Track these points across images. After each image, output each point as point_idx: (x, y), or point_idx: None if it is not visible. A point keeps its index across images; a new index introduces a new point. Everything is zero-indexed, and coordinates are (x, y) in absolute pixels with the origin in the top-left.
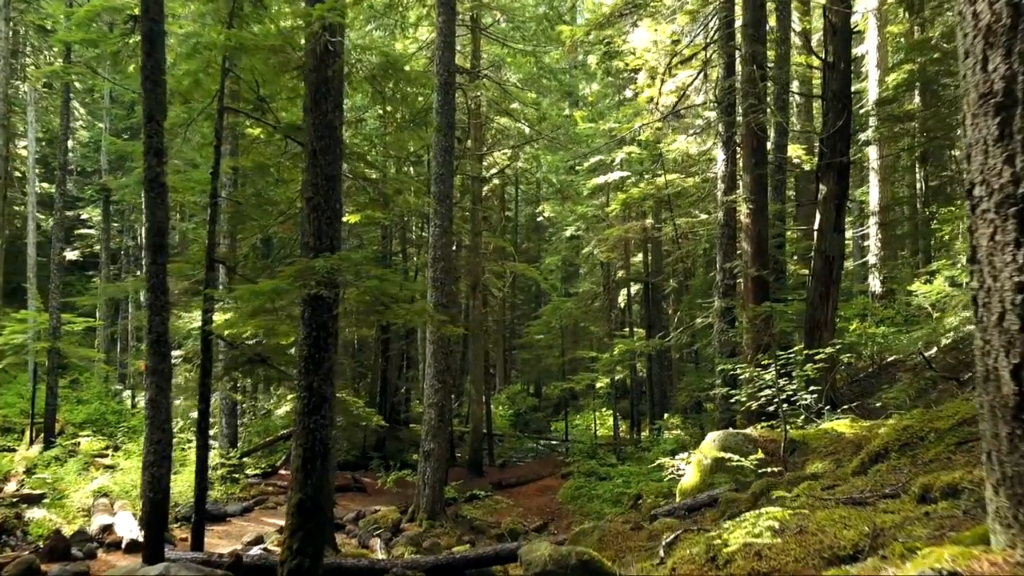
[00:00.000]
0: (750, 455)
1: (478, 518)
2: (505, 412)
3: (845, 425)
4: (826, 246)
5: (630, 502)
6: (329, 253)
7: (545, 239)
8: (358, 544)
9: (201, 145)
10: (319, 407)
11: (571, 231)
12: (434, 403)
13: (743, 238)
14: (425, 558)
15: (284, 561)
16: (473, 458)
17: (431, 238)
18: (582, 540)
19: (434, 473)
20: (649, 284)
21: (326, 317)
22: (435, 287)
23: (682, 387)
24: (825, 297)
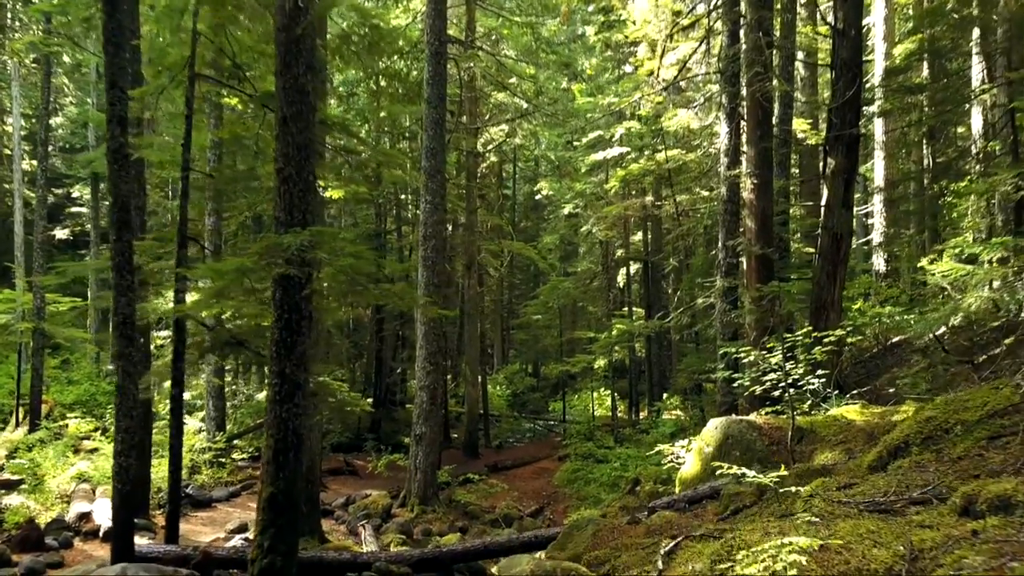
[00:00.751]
0: (755, 443)
1: (472, 503)
2: (503, 392)
3: (855, 412)
4: (834, 223)
5: (628, 486)
6: (301, 229)
7: (543, 218)
8: (347, 530)
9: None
10: (292, 395)
11: (569, 209)
12: (426, 386)
13: (747, 215)
14: (410, 551)
15: (255, 560)
16: (468, 440)
17: (422, 215)
18: (575, 535)
19: (426, 457)
20: (649, 263)
21: (298, 298)
22: (426, 266)
23: (682, 369)
24: (832, 276)
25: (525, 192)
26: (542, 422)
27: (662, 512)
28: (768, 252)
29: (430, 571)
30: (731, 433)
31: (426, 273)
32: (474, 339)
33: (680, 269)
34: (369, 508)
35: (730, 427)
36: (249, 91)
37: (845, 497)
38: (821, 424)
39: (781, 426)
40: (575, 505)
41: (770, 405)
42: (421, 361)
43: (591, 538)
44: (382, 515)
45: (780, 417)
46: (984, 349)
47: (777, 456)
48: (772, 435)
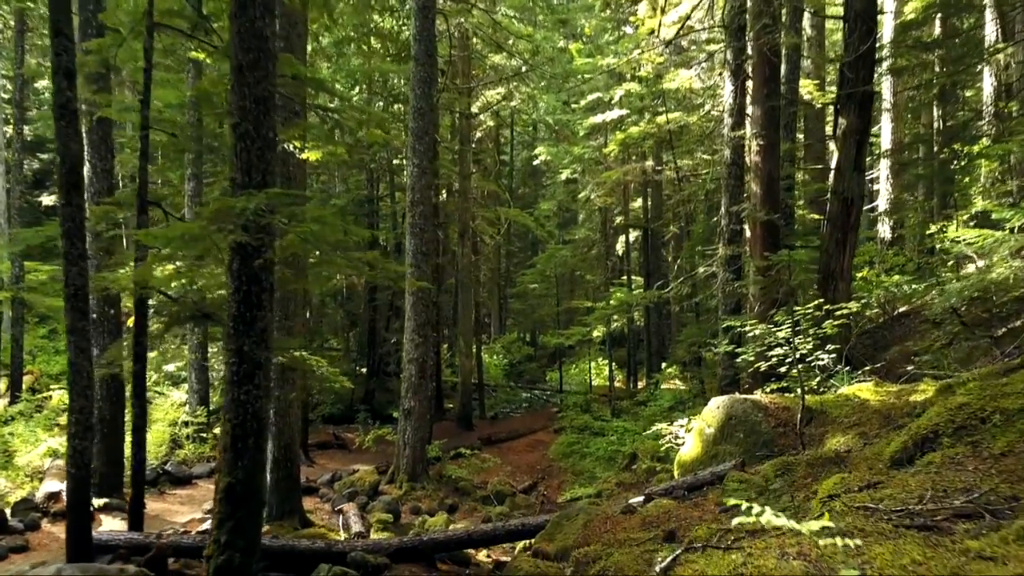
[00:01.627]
0: (760, 424)
1: (463, 478)
2: (499, 362)
3: (868, 390)
4: (844, 187)
5: (624, 462)
6: (257, 191)
7: (542, 184)
8: (331, 509)
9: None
10: (251, 375)
11: (567, 174)
12: (414, 358)
13: (752, 178)
14: (389, 540)
15: (211, 556)
16: (462, 412)
17: (409, 179)
18: (564, 525)
19: (415, 432)
20: (649, 230)
21: (258, 268)
22: (414, 234)
23: (681, 340)
24: (842, 244)
25: (523, 158)
26: (539, 392)
27: (659, 500)
28: (774, 218)
29: (410, 561)
30: (734, 413)
31: (414, 241)
32: (468, 309)
33: (680, 236)
34: (356, 485)
35: (733, 407)
36: (217, 43)
37: (871, 501)
38: (832, 404)
39: (788, 406)
40: (570, 481)
41: (775, 381)
42: (409, 333)
43: (582, 529)
44: (369, 492)
45: (787, 396)
46: (1004, 321)
47: (784, 439)
48: (779, 416)
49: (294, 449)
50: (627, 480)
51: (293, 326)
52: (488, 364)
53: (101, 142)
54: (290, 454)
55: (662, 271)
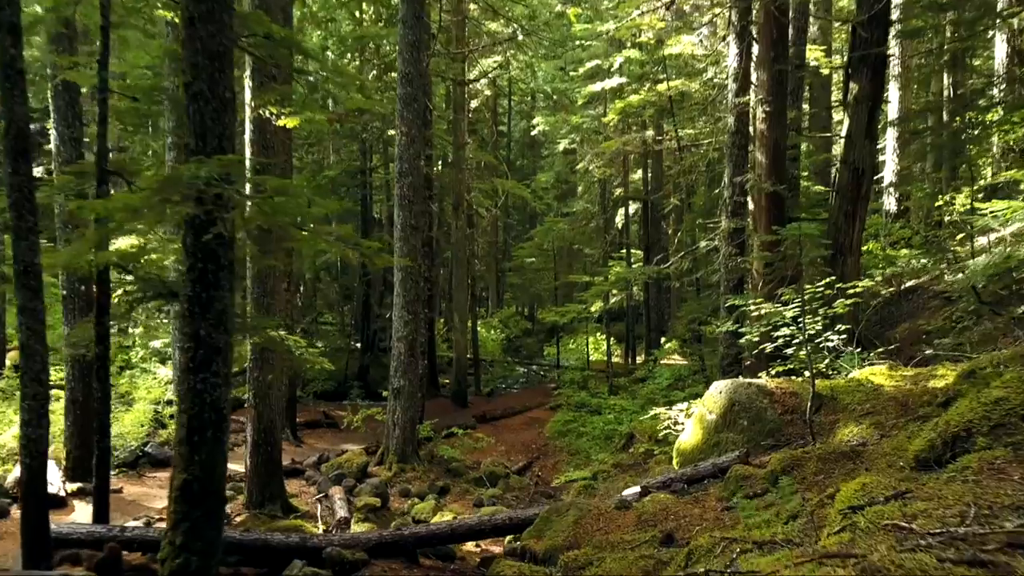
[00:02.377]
0: (765, 411)
1: (455, 458)
2: (496, 336)
3: (882, 374)
4: (854, 156)
5: (621, 442)
6: (207, 159)
7: (540, 155)
8: (317, 493)
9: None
10: (209, 361)
11: (565, 144)
12: (403, 336)
13: (757, 147)
14: (367, 534)
15: (165, 559)
16: (457, 389)
17: (398, 149)
18: (554, 521)
19: (404, 412)
20: (649, 202)
21: (215, 244)
22: (403, 206)
23: (681, 316)
24: (851, 217)
25: (521, 128)
26: (536, 367)
27: (656, 494)
28: (780, 189)
29: (390, 556)
30: (738, 399)
31: (403, 214)
32: (462, 284)
33: (681, 209)
34: (343, 467)
35: (737, 392)
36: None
37: (903, 518)
38: (843, 389)
39: (796, 391)
40: (565, 461)
41: (781, 363)
42: (398, 310)
43: (572, 527)
44: (357, 474)
45: (794, 380)
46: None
47: (792, 428)
48: (786, 402)
49: (275, 432)
50: (624, 461)
51: (273, 304)
52: (485, 339)
53: (68, 108)
54: (270, 437)
55: (662, 244)
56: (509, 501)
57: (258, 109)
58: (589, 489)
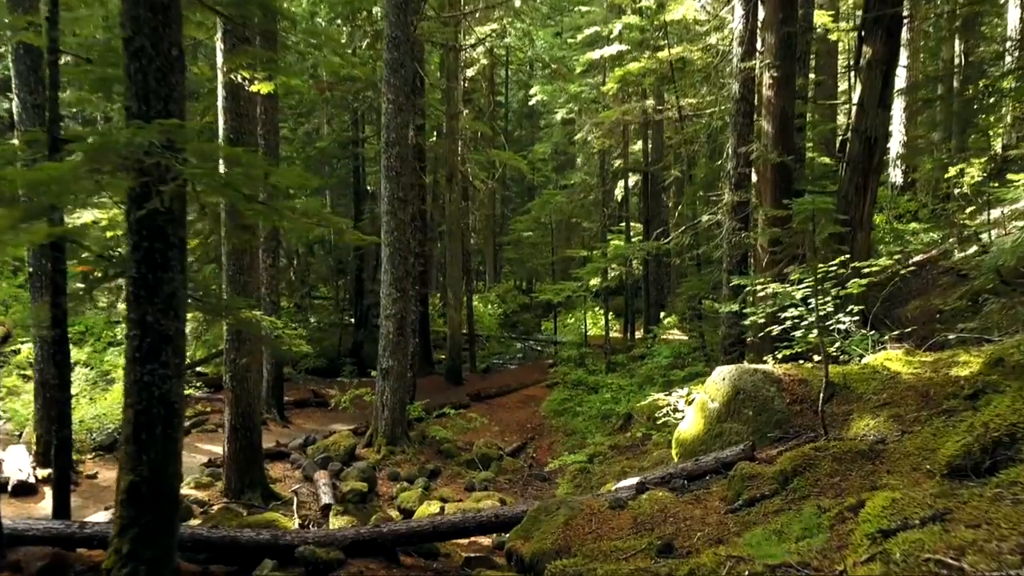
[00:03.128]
0: (772, 400)
1: (447, 439)
2: (494, 311)
3: (898, 360)
4: (867, 124)
5: (619, 422)
6: (147, 124)
7: (538, 126)
8: (302, 476)
9: None
10: (157, 351)
11: (562, 114)
12: (392, 314)
13: (763, 115)
14: (344, 531)
15: (110, 568)
16: (451, 366)
17: (384, 117)
18: (543, 521)
19: (393, 393)
20: (649, 174)
21: (162, 220)
22: (389, 177)
23: (681, 292)
24: (862, 189)
25: (519, 99)
26: (533, 343)
27: (654, 492)
28: (787, 160)
29: (369, 555)
30: (743, 387)
31: (390, 186)
32: (456, 258)
33: (682, 181)
34: (330, 450)
35: (742, 379)
36: None
37: (948, 551)
38: (856, 376)
39: (806, 378)
40: (561, 442)
41: (787, 346)
42: (386, 287)
43: (562, 529)
44: (344, 457)
45: (804, 366)
46: None
47: (801, 418)
48: (794, 390)
49: (254, 416)
50: (621, 443)
51: (250, 282)
52: (482, 314)
53: (30, 73)
54: (249, 422)
55: (662, 217)
56: (501, 485)
57: (230, 74)
58: (584, 472)
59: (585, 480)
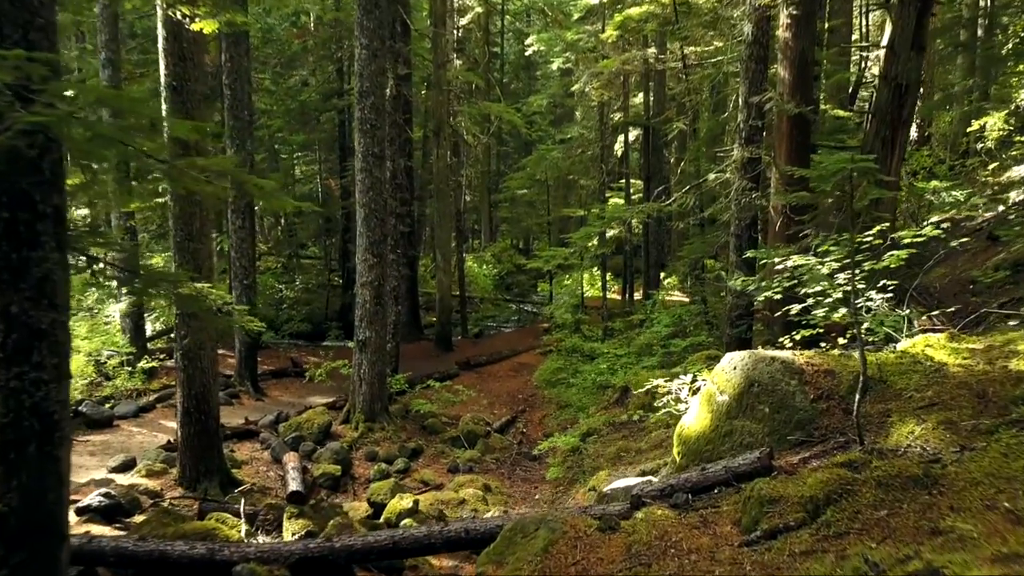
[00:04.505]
0: (794, 396)
1: (432, 413)
2: (489, 272)
3: (941, 346)
4: (898, 70)
5: (615, 395)
6: None
7: (535, 78)
8: (270, 459)
9: None
10: (28, 349)
11: (559, 63)
12: (368, 282)
13: (779, 60)
14: (291, 546)
15: None
16: (440, 332)
17: (357, 65)
18: (518, 545)
19: (372, 367)
20: (650, 128)
21: (29, 183)
22: (364, 131)
23: (683, 255)
24: (890, 144)
25: (516, 50)
26: (529, 306)
27: (651, 509)
28: (806, 111)
29: (320, 572)
30: (758, 378)
31: (364, 140)
32: (446, 219)
33: (685, 135)
34: (303, 428)
35: (756, 368)
36: None
37: None
38: (893, 368)
39: (832, 369)
40: (553, 415)
41: (807, 326)
42: (362, 252)
43: (541, 558)
44: (318, 436)
45: (830, 353)
46: None
47: (828, 419)
48: (819, 383)
49: (209, 398)
50: (617, 418)
51: (201, 249)
52: (477, 274)
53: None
54: (203, 404)
55: (663, 174)
56: (488, 465)
57: (168, 10)
58: (577, 453)
59: (577, 462)
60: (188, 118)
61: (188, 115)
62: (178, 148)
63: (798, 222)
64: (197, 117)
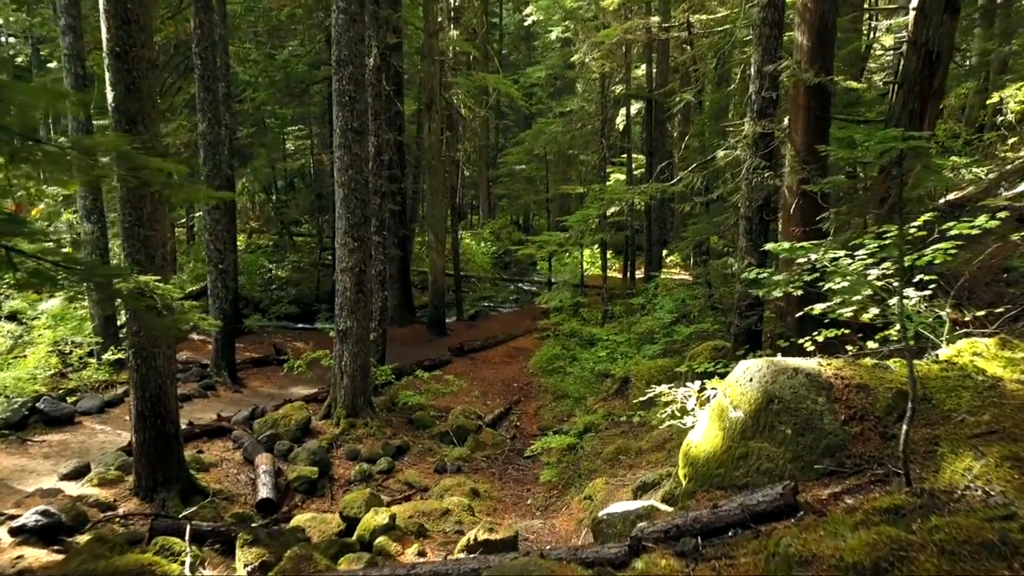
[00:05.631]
0: (822, 415)
1: (421, 405)
2: (487, 250)
3: (992, 356)
4: (929, 34)
5: (615, 386)
6: None
7: (535, 48)
8: (242, 459)
9: None
10: None
11: (557, 32)
12: (348, 267)
13: (797, 24)
14: None
15: None
16: (433, 315)
17: (334, 30)
18: None
19: (354, 358)
20: (652, 101)
21: None
22: (342, 103)
23: (687, 236)
24: (918, 117)
25: (515, 20)
26: (527, 285)
27: (654, 556)
28: (826, 81)
29: None
30: (778, 393)
31: (343, 113)
32: (438, 196)
33: (689, 108)
34: (279, 424)
35: (776, 381)
36: None
37: None
38: (938, 382)
39: (866, 384)
40: (549, 407)
41: (830, 326)
42: (341, 236)
43: None
44: (296, 433)
45: (862, 364)
46: None
47: (863, 445)
48: (851, 401)
49: (166, 400)
50: (617, 411)
51: (152, 236)
52: (474, 252)
53: None
54: (160, 407)
55: (667, 148)
56: (478, 464)
57: None
58: (572, 452)
59: (572, 462)
60: (134, 88)
61: (134, 84)
62: (124, 123)
63: (815, 204)
64: (145, 88)
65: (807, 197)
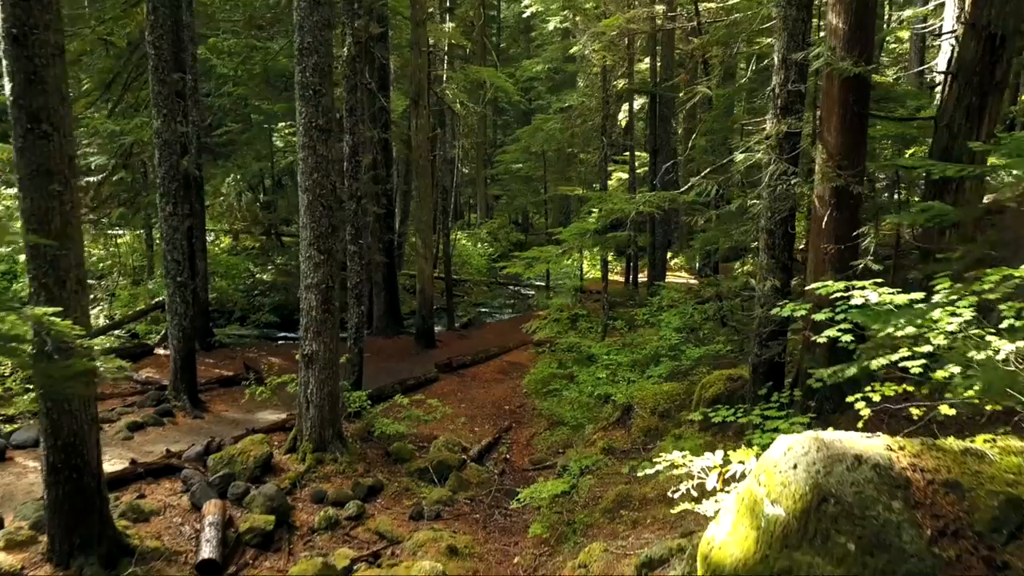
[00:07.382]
0: (899, 526)
1: (399, 435)
2: (484, 252)
3: None
4: (991, 15)
5: (616, 414)
6: None
7: (534, 40)
8: (190, 505)
9: None
10: None
11: (556, 22)
12: (313, 284)
13: (831, 5)
14: None
15: None
16: (422, 326)
17: (296, 15)
18: None
19: (321, 386)
20: (657, 96)
21: None
22: (305, 97)
23: (695, 246)
24: (977, 114)
25: (513, 12)
26: (525, 291)
27: None
28: (866, 71)
29: None
30: (835, 490)
31: (306, 109)
32: (426, 198)
33: (695, 105)
34: (236, 461)
35: (831, 472)
36: None
37: None
38: None
39: (956, 479)
40: (543, 436)
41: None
42: (305, 248)
43: None
44: (255, 471)
45: (946, 447)
46: None
47: (958, 571)
48: (939, 508)
49: (84, 450)
50: (618, 443)
51: (64, 256)
52: (471, 254)
53: None
54: (76, 458)
55: (671, 146)
56: (461, 507)
57: None
58: (567, 498)
59: (567, 509)
60: (36, 78)
61: (35, 74)
62: (26, 120)
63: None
64: (50, 78)
65: (842, 208)
